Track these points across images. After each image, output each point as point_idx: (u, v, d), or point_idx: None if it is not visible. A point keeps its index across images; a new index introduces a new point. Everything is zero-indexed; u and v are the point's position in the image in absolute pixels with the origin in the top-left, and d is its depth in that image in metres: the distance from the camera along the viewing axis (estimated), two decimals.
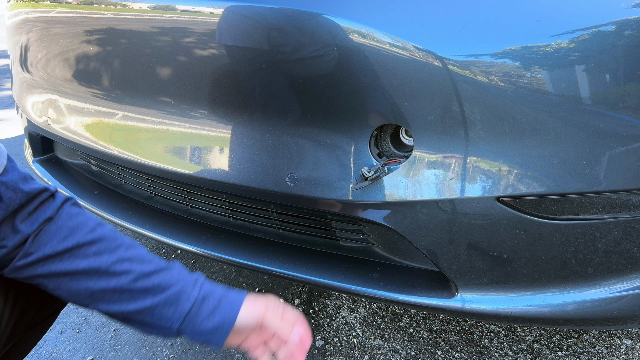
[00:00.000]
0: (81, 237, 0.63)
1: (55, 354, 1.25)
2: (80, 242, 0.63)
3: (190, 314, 0.67)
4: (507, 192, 0.73)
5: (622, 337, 1.32)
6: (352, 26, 0.73)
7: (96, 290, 0.63)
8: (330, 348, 1.27)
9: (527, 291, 0.82)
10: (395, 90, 0.73)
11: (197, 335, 0.69)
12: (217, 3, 0.82)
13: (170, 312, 0.66)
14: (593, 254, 0.77)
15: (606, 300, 0.80)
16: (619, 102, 0.68)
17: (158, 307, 0.66)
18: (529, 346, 1.27)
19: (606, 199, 0.74)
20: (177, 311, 0.67)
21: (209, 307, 0.69)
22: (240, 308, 0.71)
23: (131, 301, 0.65)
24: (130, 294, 0.65)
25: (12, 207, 0.58)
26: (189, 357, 1.24)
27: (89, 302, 0.64)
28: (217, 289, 0.71)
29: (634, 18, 0.66)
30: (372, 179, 0.77)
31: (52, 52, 1.12)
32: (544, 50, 0.67)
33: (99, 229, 0.66)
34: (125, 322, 0.67)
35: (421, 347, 1.27)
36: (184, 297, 0.68)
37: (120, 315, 0.66)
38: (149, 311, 0.66)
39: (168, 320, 0.66)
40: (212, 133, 0.93)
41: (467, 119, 0.71)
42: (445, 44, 0.69)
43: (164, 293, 0.66)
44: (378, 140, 0.82)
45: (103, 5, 0.97)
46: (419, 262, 0.91)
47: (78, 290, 0.63)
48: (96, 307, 0.65)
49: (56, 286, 0.62)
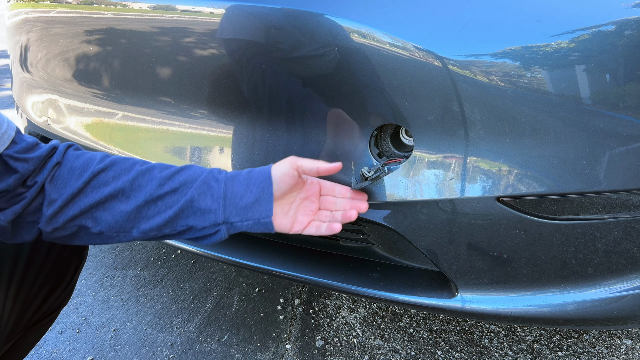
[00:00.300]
0: (94, 167, 0.64)
1: (55, 354, 1.25)
2: (94, 171, 0.64)
3: (227, 195, 0.67)
4: (507, 192, 0.73)
5: (622, 337, 1.32)
6: (352, 26, 0.73)
7: (130, 210, 0.64)
8: (330, 348, 1.27)
9: (527, 291, 0.82)
10: (395, 90, 0.73)
11: (244, 216, 0.68)
12: (217, 3, 0.81)
13: (208, 200, 0.66)
14: (593, 254, 0.77)
15: (606, 300, 0.80)
16: (619, 102, 0.68)
17: (194, 202, 0.66)
18: (529, 346, 1.27)
19: (606, 199, 0.74)
20: (214, 197, 0.67)
21: (241, 181, 0.69)
22: (271, 168, 0.71)
23: (167, 207, 0.65)
24: (162, 200, 0.65)
25: (26, 174, 0.60)
26: (189, 357, 1.24)
27: (131, 227, 0.64)
28: (241, 170, 0.72)
29: (634, 18, 0.66)
30: (372, 179, 0.77)
31: (52, 52, 1.12)
32: (544, 50, 0.67)
33: (107, 158, 0.67)
34: (175, 235, 0.67)
35: (421, 347, 1.27)
36: (213, 182, 0.68)
37: (165, 227, 0.65)
38: (189, 210, 0.66)
39: (210, 213, 0.66)
40: (211, 133, 0.93)
41: (467, 119, 0.71)
42: (446, 43, 0.69)
43: (192, 186, 0.66)
44: (378, 140, 0.82)
45: (103, 5, 0.97)
46: (419, 262, 0.91)
47: (115, 218, 0.63)
48: (140, 230, 0.65)
49: (95, 224, 0.63)
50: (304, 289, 1.52)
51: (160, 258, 1.70)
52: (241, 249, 1.02)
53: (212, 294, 1.50)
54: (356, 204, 0.76)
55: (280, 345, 1.28)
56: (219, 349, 1.27)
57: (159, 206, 0.65)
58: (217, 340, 1.30)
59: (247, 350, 1.26)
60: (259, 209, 0.68)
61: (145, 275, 1.60)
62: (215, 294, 1.50)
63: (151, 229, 0.65)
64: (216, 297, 1.48)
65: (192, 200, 0.65)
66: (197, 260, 1.68)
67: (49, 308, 0.78)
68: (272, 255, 1.00)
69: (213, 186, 0.67)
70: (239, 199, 0.67)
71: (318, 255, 0.99)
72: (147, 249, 1.76)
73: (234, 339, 1.31)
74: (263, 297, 1.48)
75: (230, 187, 0.68)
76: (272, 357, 1.24)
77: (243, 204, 0.67)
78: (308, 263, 0.96)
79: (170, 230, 0.66)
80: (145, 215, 0.64)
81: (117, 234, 0.64)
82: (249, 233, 1.07)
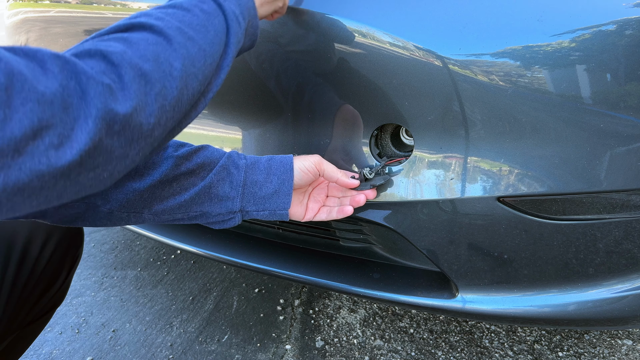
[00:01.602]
0: None
1: (55, 355, 1.25)
2: None
3: (246, 183, 0.65)
4: (507, 192, 0.73)
5: (623, 337, 1.31)
6: (353, 26, 0.72)
7: (144, 190, 0.60)
8: (331, 349, 1.26)
9: (528, 291, 0.82)
10: (395, 89, 0.73)
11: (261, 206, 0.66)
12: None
13: (227, 187, 0.64)
14: (594, 254, 0.77)
15: (607, 300, 0.80)
16: (620, 101, 0.68)
17: (212, 188, 0.63)
18: (530, 347, 1.27)
19: (607, 199, 0.73)
20: (233, 185, 0.65)
21: (261, 169, 0.67)
22: (292, 160, 0.70)
23: (182, 189, 0.62)
24: (177, 182, 0.62)
25: None
26: (189, 357, 1.24)
27: (142, 206, 0.61)
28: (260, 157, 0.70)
29: (634, 17, 0.66)
30: (375, 185, 0.77)
31: None
32: (544, 49, 0.67)
33: None
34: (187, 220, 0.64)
35: (421, 348, 1.26)
36: (233, 168, 0.66)
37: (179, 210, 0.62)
38: (205, 195, 0.63)
39: (228, 200, 0.64)
40: (212, 133, 0.93)
41: (468, 118, 0.71)
42: (446, 43, 0.69)
43: (211, 170, 0.64)
44: (378, 140, 0.82)
45: (102, 4, 0.97)
46: (420, 262, 0.91)
47: (127, 197, 0.60)
48: (152, 211, 0.62)
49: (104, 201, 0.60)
50: (304, 290, 1.52)
51: (159, 258, 1.70)
52: (241, 249, 1.02)
53: (212, 294, 1.50)
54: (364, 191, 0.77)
55: (280, 345, 1.28)
56: (218, 350, 1.27)
57: (174, 188, 0.62)
58: (217, 341, 1.30)
59: (246, 351, 1.26)
60: (277, 200, 0.67)
61: (145, 275, 1.60)
62: (215, 294, 1.50)
63: (164, 210, 0.62)
64: (216, 297, 1.48)
65: (210, 186, 0.63)
66: (196, 260, 1.68)
67: (44, 307, 0.78)
68: (272, 255, 0.99)
69: (233, 173, 0.65)
70: (258, 189, 0.66)
71: (318, 256, 0.99)
72: (146, 249, 1.76)
73: (233, 340, 1.30)
74: (263, 297, 1.48)
75: (251, 176, 0.66)
76: (272, 358, 1.24)
77: (262, 194, 0.66)
78: (308, 263, 0.96)
79: (183, 215, 0.64)
80: (159, 195, 0.62)
81: (127, 214, 0.61)
82: (250, 234, 1.07)
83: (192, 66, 0.48)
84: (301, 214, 0.76)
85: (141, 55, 0.43)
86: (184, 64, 0.47)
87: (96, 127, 0.36)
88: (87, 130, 0.36)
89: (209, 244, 1.04)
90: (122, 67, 0.40)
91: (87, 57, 0.40)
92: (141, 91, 0.41)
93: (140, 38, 0.45)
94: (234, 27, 0.55)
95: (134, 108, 0.40)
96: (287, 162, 0.70)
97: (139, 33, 0.45)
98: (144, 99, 0.41)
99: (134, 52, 0.42)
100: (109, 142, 0.38)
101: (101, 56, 0.40)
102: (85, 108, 0.36)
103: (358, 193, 0.76)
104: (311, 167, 0.71)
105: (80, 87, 0.36)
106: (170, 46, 0.46)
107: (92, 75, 0.38)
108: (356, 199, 0.76)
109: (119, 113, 0.38)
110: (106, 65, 0.40)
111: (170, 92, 0.44)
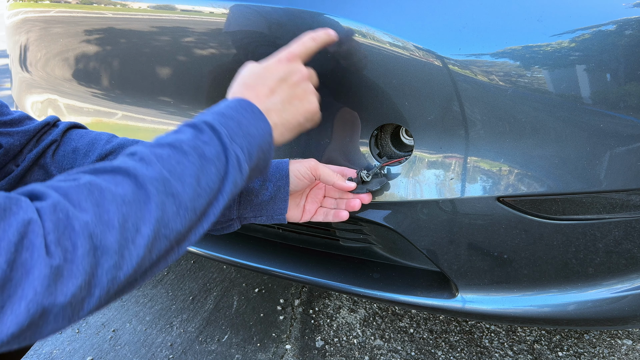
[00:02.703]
0: (101, 148, 0.63)
1: (55, 354, 1.25)
2: (102, 153, 0.62)
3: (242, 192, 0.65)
4: (507, 192, 0.73)
5: (623, 337, 1.31)
6: (353, 26, 0.72)
7: None
8: (331, 348, 1.27)
9: (527, 291, 0.82)
10: (395, 90, 0.73)
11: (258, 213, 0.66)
12: (218, 3, 0.81)
13: None
14: (594, 254, 0.77)
15: (607, 300, 0.80)
16: (620, 101, 0.68)
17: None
18: (530, 346, 1.27)
19: (607, 199, 0.73)
20: None
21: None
22: (288, 165, 0.70)
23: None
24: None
25: (13, 151, 0.57)
26: (189, 357, 1.24)
27: None
28: None
29: (634, 17, 0.66)
30: (371, 190, 0.78)
31: (52, 51, 1.12)
32: (544, 49, 0.67)
33: (114, 139, 0.65)
34: None
35: (421, 348, 1.27)
36: None
37: None
38: None
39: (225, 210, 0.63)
40: None
41: (468, 118, 0.71)
42: (446, 43, 0.69)
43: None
44: (378, 140, 0.82)
45: (103, 4, 0.97)
46: (419, 262, 0.91)
47: None
48: None
49: None
50: (304, 289, 1.52)
51: None
52: (241, 249, 1.02)
53: (212, 294, 1.50)
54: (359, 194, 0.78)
55: (280, 345, 1.28)
56: (218, 349, 1.27)
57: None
58: (217, 341, 1.30)
59: (246, 351, 1.26)
60: (274, 206, 0.67)
61: None
62: (215, 294, 1.50)
63: None
64: (216, 297, 1.48)
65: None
66: (196, 260, 1.68)
67: None
68: (272, 255, 0.99)
69: None
70: (254, 196, 0.66)
71: (318, 256, 0.99)
72: None
73: (233, 339, 1.31)
74: (263, 297, 1.48)
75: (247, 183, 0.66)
76: (272, 358, 1.24)
77: (258, 201, 0.66)
78: (308, 263, 0.96)
79: None
80: None
81: None
82: (249, 233, 1.07)
83: (164, 228, 0.43)
84: (298, 216, 0.76)
85: (107, 222, 0.39)
86: (155, 227, 0.42)
87: (28, 312, 0.34)
88: (18, 314, 0.34)
89: (208, 244, 1.04)
90: (80, 237, 0.37)
91: (51, 212, 0.37)
92: (92, 265, 0.37)
93: (115, 194, 0.41)
94: (233, 174, 0.51)
95: (79, 287, 0.36)
96: (282, 167, 0.70)
97: (119, 185, 0.42)
98: (92, 274, 0.37)
99: (99, 218, 0.39)
100: (40, 328, 0.36)
101: (65, 217, 0.37)
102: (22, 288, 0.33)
103: (354, 196, 0.77)
104: (307, 173, 0.71)
105: (25, 267, 0.34)
106: (146, 206, 0.42)
107: (39, 250, 0.35)
108: (351, 203, 0.76)
109: (57, 304, 0.35)
110: (64, 232, 0.37)
111: (129, 263, 0.40)
